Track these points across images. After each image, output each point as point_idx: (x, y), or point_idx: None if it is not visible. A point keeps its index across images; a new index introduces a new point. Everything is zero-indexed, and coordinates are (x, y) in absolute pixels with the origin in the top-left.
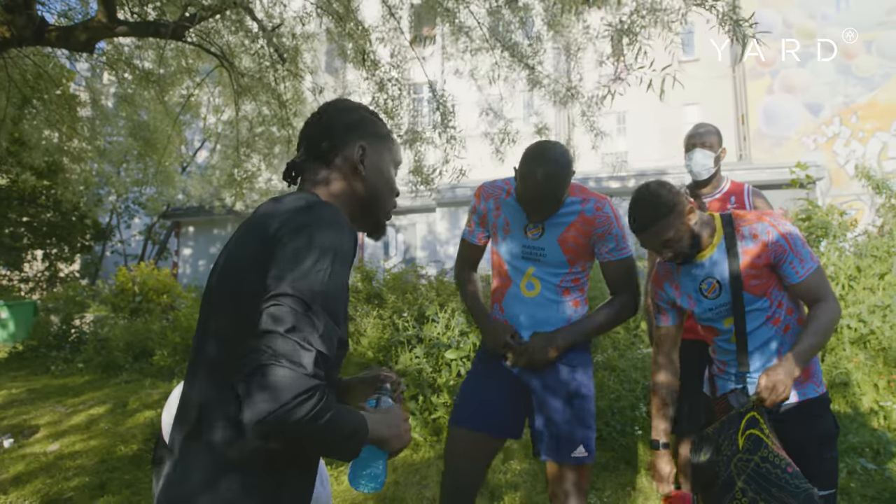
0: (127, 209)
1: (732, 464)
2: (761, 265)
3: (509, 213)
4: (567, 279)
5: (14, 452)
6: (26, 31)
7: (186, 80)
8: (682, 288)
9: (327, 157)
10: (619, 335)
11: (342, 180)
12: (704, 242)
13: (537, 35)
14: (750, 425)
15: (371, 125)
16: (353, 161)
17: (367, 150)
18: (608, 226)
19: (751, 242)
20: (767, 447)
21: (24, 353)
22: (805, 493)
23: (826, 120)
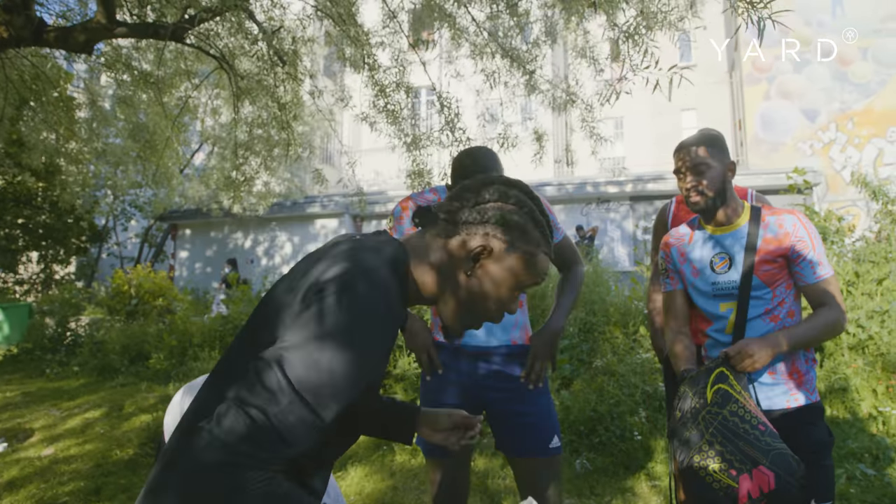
0: (123, 211)
1: (700, 416)
2: (779, 254)
3: None
4: None
5: (8, 457)
6: (25, 31)
7: (185, 82)
8: (690, 256)
9: (450, 231)
10: (618, 340)
11: (441, 263)
12: (727, 214)
13: (536, 40)
14: (719, 380)
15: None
16: (466, 253)
17: (493, 253)
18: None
19: (776, 229)
20: (737, 402)
21: (18, 356)
22: (776, 451)
23: (822, 126)
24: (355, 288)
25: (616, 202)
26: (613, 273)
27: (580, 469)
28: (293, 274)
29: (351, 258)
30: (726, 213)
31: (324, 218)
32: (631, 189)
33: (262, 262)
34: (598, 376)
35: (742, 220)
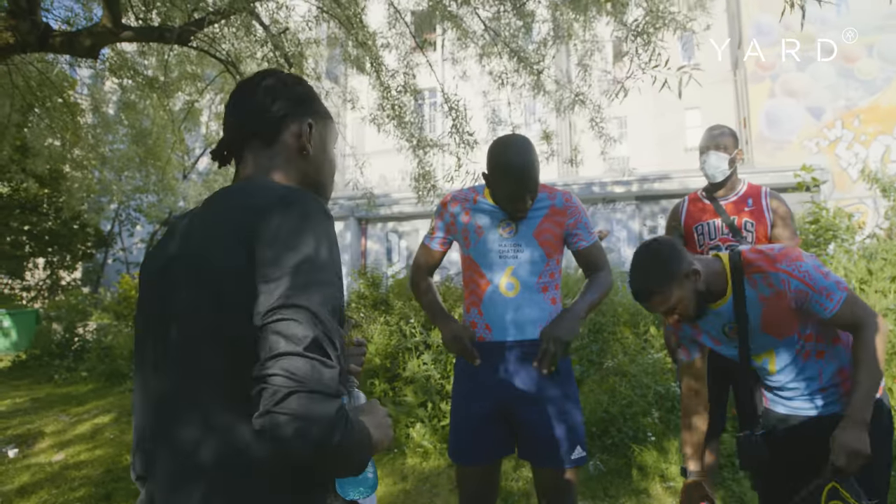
0: (128, 217)
1: None
2: (783, 309)
3: (480, 216)
4: (545, 275)
5: (19, 462)
6: (30, 36)
7: (190, 85)
8: (704, 328)
9: (274, 134)
10: (628, 340)
11: (290, 161)
12: (717, 294)
13: (543, 40)
14: (831, 497)
15: (317, 101)
16: (302, 139)
17: (313, 127)
18: (578, 215)
19: (768, 291)
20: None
21: (27, 362)
22: None
23: (828, 123)
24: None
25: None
26: (621, 273)
27: (593, 471)
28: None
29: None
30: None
31: None
32: (637, 189)
33: None
34: (609, 377)
35: (730, 292)
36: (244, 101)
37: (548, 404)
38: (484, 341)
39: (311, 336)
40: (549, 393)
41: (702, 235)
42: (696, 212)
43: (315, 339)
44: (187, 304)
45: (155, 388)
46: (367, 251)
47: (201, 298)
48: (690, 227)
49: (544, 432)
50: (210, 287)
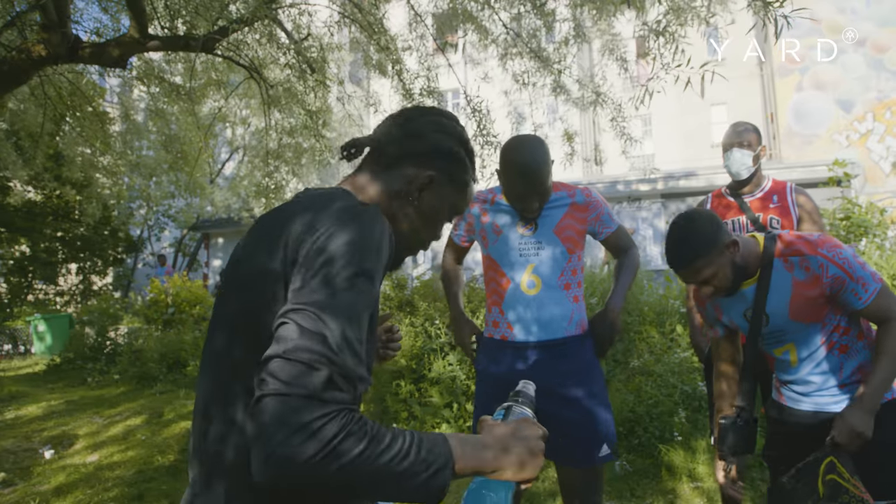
0: (157, 222)
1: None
2: (816, 296)
3: (498, 216)
4: (567, 272)
5: (55, 463)
6: (61, 48)
7: (216, 92)
8: (724, 310)
9: (393, 161)
10: (654, 339)
11: (390, 194)
12: (750, 273)
13: (564, 40)
14: (828, 471)
15: (457, 164)
16: (415, 185)
17: (434, 183)
18: (600, 208)
19: (804, 274)
20: (848, 492)
21: (61, 366)
22: None
23: (858, 116)
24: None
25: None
26: (646, 272)
27: (620, 471)
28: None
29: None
30: (745, 278)
31: None
32: (662, 187)
33: None
34: (635, 377)
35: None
36: (399, 121)
37: (573, 403)
38: (507, 341)
39: (298, 337)
40: (574, 391)
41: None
42: (721, 209)
43: (300, 342)
44: (227, 306)
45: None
46: None
47: (239, 300)
48: None
49: (569, 431)
50: (248, 288)
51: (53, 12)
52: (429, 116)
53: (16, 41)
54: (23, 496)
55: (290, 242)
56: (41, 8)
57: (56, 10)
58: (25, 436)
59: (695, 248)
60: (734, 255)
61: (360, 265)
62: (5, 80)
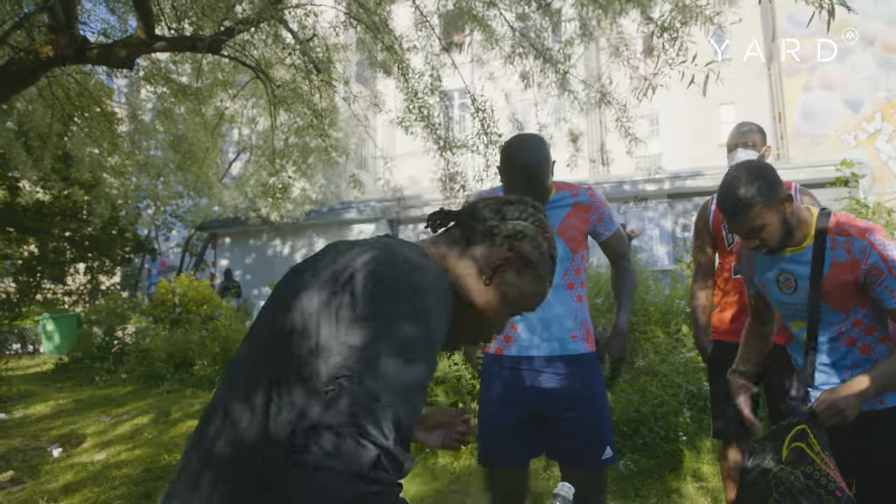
0: (165, 222)
1: (771, 474)
2: (848, 282)
3: None
4: (570, 272)
5: (63, 461)
6: (69, 49)
7: (222, 92)
8: (756, 268)
9: (474, 237)
10: (659, 339)
11: (464, 272)
12: (796, 239)
13: (569, 39)
14: (797, 438)
15: (538, 252)
16: (489, 262)
17: (510, 264)
18: (603, 208)
19: (844, 255)
20: (814, 463)
21: (69, 365)
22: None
23: (867, 116)
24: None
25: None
26: (653, 272)
27: (624, 471)
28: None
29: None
30: (791, 240)
31: (361, 223)
32: (669, 187)
33: None
34: (640, 376)
35: (807, 242)
36: (482, 202)
37: (576, 406)
38: (511, 346)
39: (352, 409)
40: (576, 395)
41: (730, 234)
42: None
43: (355, 414)
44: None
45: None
46: None
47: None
48: (719, 226)
49: (573, 433)
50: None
51: (61, 14)
52: (518, 205)
53: (24, 42)
54: (31, 494)
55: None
56: (49, 9)
57: (64, 12)
58: (34, 434)
59: (752, 195)
60: (787, 213)
61: (426, 331)
62: (13, 81)
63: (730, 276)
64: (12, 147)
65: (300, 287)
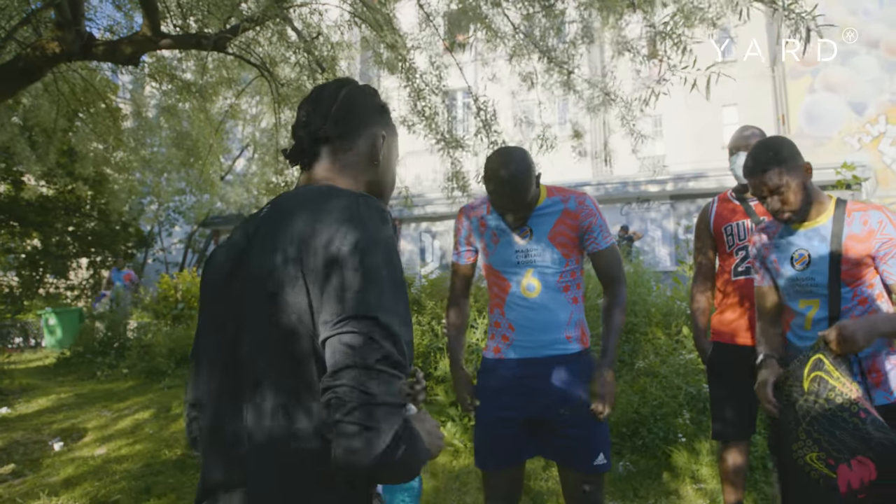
0: (168, 218)
1: (797, 406)
2: (862, 253)
3: (495, 224)
4: (566, 275)
5: (64, 455)
6: (75, 45)
7: (227, 89)
8: (773, 251)
9: (350, 142)
10: (660, 341)
11: (360, 168)
12: (811, 213)
13: (573, 40)
14: (815, 367)
15: (388, 114)
16: (375, 148)
17: (385, 138)
18: (592, 217)
19: (859, 227)
20: (835, 389)
21: (71, 359)
22: (878, 441)
23: (871, 118)
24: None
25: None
26: (654, 273)
27: (623, 471)
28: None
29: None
30: (807, 213)
31: None
32: (671, 188)
33: None
34: (640, 378)
35: (825, 217)
36: (322, 106)
37: (572, 411)
38: (508, 348)
39: (381, 348)
40: (573, 400)
41: (731, 236)
42: (726, 212)
43: (385, 351)
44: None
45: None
46: (401, 251)
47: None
48: (720, 228)
49: (569, 436)
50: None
51: (68, 10)
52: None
53: (30, 38)
54: (32, 487)
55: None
56: (56, 6)
57: (70, 8)
58: (35, 428)
59: (775, 155)
60: (807, 179)
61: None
62: (20, 76)
63: (730, 278)
64: (17, 142)
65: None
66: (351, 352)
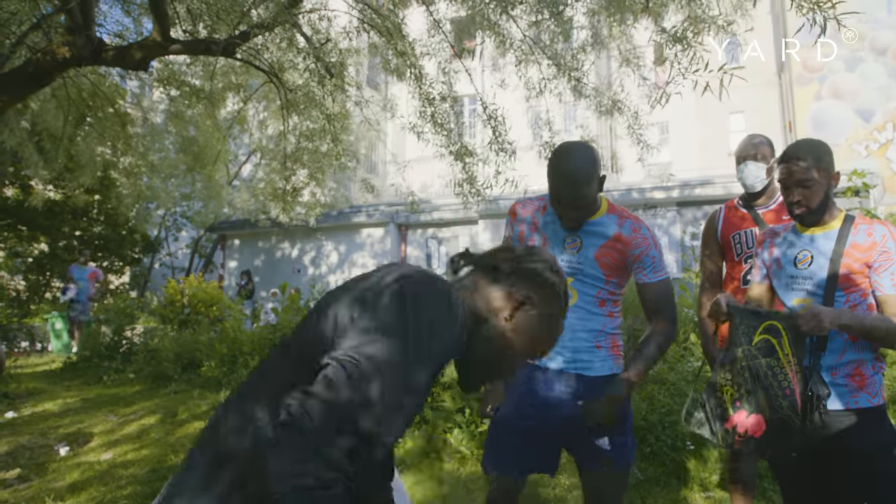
0: (174, 223)
1: (741, 349)
2: (862, 261)
3: (547, 229)
4: (604, 292)
5: (70, 460)
6: (85, 50)
7: (235, 95)
8: (777, 251)
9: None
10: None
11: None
12: (824, 219)
13: (581, 46)
14: (769, 331)
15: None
16: (514, 302)
17: (532, 306)
18: (645, 247)
19: (863, 238)
20: (779, 360)
21: (77, 364)
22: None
23: (878, 126)
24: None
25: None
26: None
27: (631, 479)
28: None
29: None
30: (819, 220)
31: (370, 227)
32: (678, 195)
33: (310, 271)
34: (647, 385)
35: (835, 224)
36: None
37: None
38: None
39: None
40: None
41: (739, 244)
42: (735, 220)
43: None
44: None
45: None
46: (407, 257)
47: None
48: (728, 236)
49: (595, 441)
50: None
51: (79, 15)
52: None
53: (41, 43)
54: (38, 492)
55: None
56: (67, 11)
57: (81, 13)
58: (41, 432)
59: (814, 150)
60: (830, 187)
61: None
62: (30, 81)
63: (739, 285)
64: (25, 146)
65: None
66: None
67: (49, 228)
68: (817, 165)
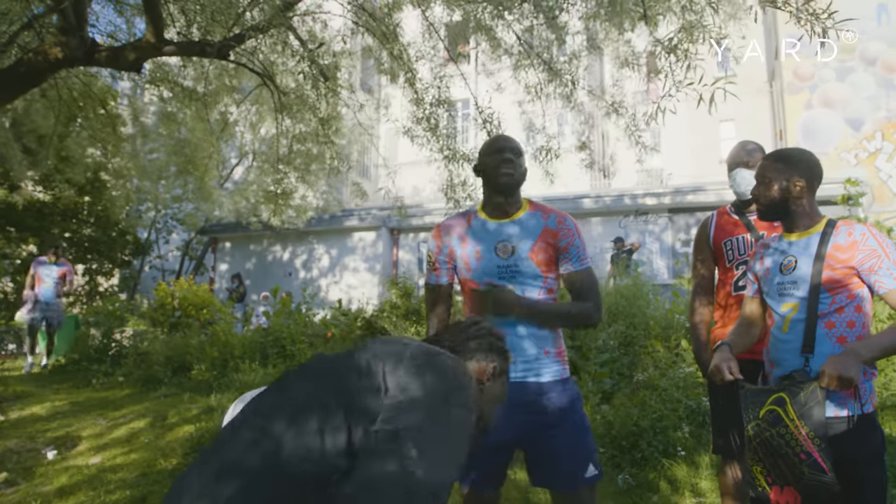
0: (165, 225)
1: (751, 425)
2: (845, 262)
3: (476, 240)
4: (543, 290)
5: (58, 464)
6: (78, 51)
7: (227, 97)
8: (766, 260)
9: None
10: (659, 353)
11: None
12: (805, 224)
13: (576, 52)
14: (776, 403)
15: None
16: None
17: (496, 377)
18: (571, 238)
19: (843, 238)
20: (786, 427)
21: (66, 367)
22: (809, 480)
23: (867, 135)
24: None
25: (654, 214)
26: (653, 286)
27: (622, 484)
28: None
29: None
30: (798, 225)
31: (361, 231)
32: (670, 201)
33: (300, 274)
34: (639, 390)
35: (817, 228)
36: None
37: (558, 432)
38: None
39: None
40: (558, 422)
41: (731, 250)
42: (727, 226)
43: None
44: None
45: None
46: (399, 261)
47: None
48: (720, 242)
49: (557, 458)
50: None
51: (72, 15)
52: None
53: (32, 43)
54: (25, 496)
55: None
56: (60, 11)
57: (74, 14)
58: (29, 436)
59: (787, 155)
60: (793, 192)
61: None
62: (21, 81)
63: (731, 291)
64: (9, 147)
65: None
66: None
67: (38, 230)
68: (780, 165)
